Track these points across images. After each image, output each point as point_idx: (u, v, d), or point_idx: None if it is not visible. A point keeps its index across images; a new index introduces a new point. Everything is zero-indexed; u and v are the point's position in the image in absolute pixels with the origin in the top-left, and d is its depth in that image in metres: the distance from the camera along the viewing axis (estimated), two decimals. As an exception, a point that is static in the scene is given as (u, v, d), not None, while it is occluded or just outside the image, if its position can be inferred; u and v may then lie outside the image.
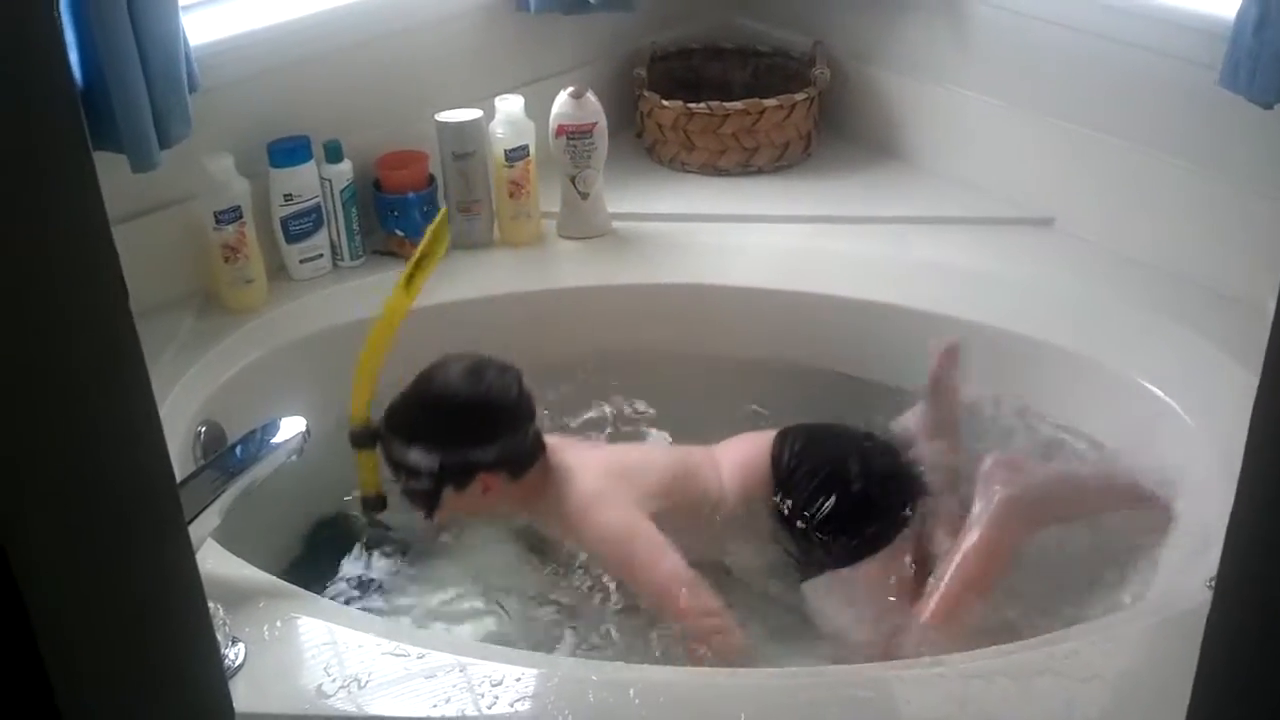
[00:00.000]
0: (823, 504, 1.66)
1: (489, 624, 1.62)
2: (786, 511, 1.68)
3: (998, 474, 1.66)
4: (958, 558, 1.59)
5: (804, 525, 1.66)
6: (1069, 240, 2.07)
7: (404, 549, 1.74)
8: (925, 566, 1.62)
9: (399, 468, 1.61)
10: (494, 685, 1.25)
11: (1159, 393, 1.74)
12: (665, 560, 1.57)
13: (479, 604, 1.64)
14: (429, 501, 1.61)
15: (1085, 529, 1.70)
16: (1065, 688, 1.27)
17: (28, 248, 0.62)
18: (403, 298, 1.66)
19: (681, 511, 1.66)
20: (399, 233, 2.04)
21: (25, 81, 0.60)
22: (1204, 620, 0.75)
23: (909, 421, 1.81)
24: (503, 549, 1.74)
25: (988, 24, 2.14)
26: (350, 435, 1.66)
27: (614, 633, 1.59)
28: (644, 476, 1.68)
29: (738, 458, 1.74)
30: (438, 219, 1.72)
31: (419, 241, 1.99)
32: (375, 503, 1.69)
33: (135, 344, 0.70)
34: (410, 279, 1.67)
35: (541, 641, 1.58)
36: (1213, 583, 0.78)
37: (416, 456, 1.59)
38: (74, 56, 1.66)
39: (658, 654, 1.54)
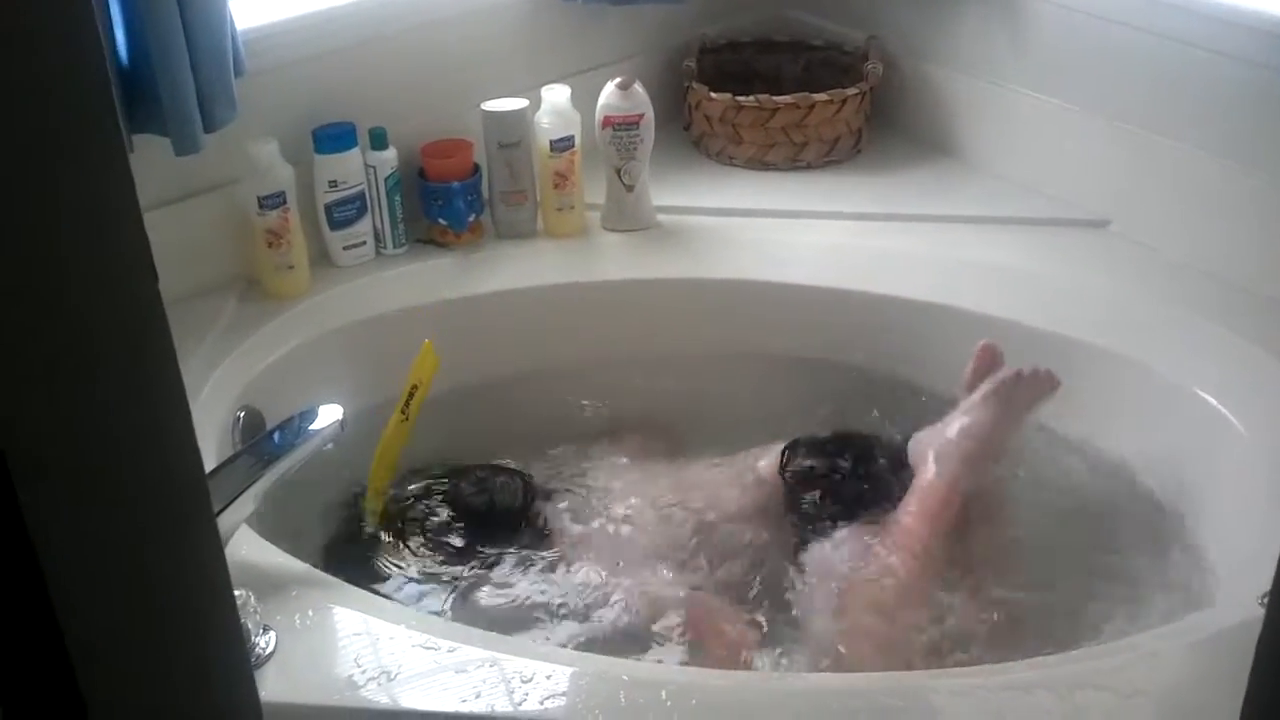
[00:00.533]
0: (816, 496, 1.71)
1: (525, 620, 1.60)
2: (795, 512, 1.72)
3: (921, 445, 1.70)
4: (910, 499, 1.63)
5: (809, 515, 1.70)
6: (1124, 243, 2.03)
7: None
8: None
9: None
10: (524, 681, 1.24)
11: (1213, 402, 1.70)
12: None
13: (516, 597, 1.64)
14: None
15: (1128, 544, 1.67)
16: (1107, 703, 1.24)
17: (52, 229, 0.61)
18: (401, 427, 1.69)
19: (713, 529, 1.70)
20: (442, 221, 2.03)
21: (53, 57, 0.59)
22: (1255, 637, 0.72)
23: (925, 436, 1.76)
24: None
25: (1045, 21, 2.09)
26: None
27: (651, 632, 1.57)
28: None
29: (754, 468, 1.78)
30: (421, 351, 1.70)
31: (462, 232, 1.99)
32: None
33: (165, 330, 0.68)
34: (405, 408, 1.69)
35: (572, 637, 1.57)
36: (1265, 599, 0.75)
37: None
38: (120, 38, 1.66)
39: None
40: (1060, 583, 1.62)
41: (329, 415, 1.40)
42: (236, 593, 1.11)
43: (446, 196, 2.02)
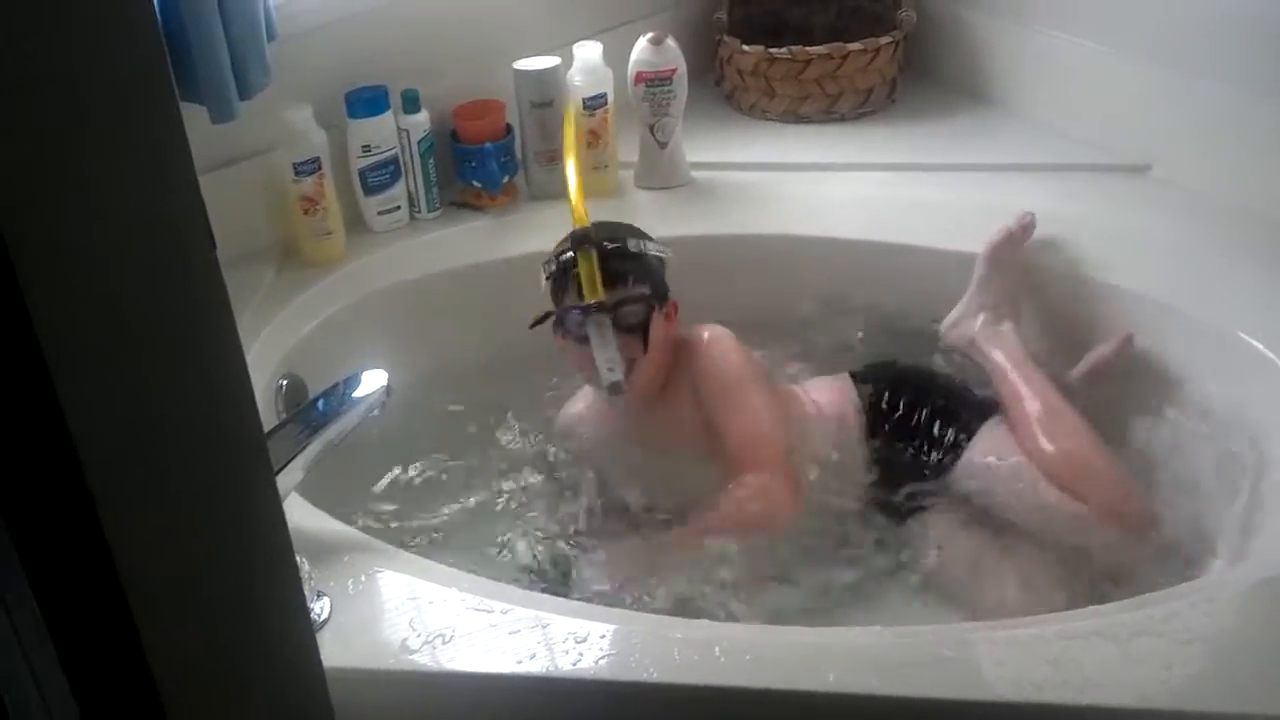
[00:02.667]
0: (919, 417, 1.73)
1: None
2: (885, 436, 1.73)
3: (958, 332, 1.83)
4: (1022, 398, 1.69)
5: (911, 431, 1.72)
6: (1166, 187, 2.00)
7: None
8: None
9: (624, 278, 1.64)
10: (578, 642, 1.24)
11: (1260, 347, 1.67)
12: (770, 415, 1.65)
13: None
14: (645, 316, 1.64)
15: (1179, 487, 1.66)
16: (1164, 650, 1.23)
17: (115, 197, 0.61)
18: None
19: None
20: (475, 184, 2.02)
21: (109, 26, 0.58)
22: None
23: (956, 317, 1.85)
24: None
25: (1081, -38, 2.06)
26: (573, 236, 1.66)
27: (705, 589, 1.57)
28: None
29: (826, 393, 1.78)
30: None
31: (496, 194, 1.98)
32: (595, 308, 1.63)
33: (224, 296, 0.68)
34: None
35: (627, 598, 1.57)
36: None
37: (641, 268, 1.67)
38: (155, 5, 1.65)
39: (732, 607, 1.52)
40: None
41: (374, 381, 1.40)
42: (293, 559, 1.12)
43: (479, 158, 2.01)
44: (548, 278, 1.68)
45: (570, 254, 1.64)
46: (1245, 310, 1.73)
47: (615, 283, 1.63)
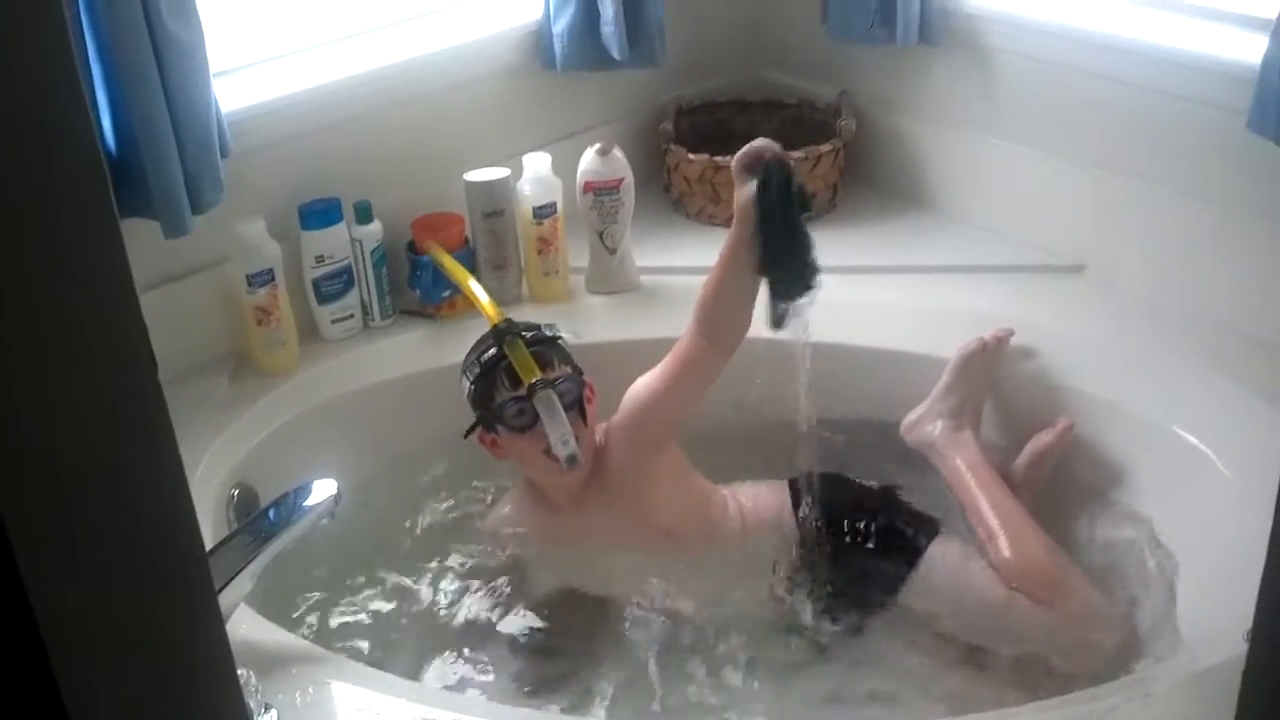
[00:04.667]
0: (860, 532, 1.74)
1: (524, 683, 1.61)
2: (826, 544, 1.74)
3: (917, 433, 1.86)
4: (981, 506, 1.72)
5: (851, 549, 1.74)
6: (1101, 287, 2.06)
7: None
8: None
9: (551, 361, 1.69)
10: (527, 749, 1.25)
11: (1195, 441, 1.72)
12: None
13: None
14: (579, 392, 1.69)
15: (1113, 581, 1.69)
16: (1105, 744, 1.25)
17: (54, 317, 0.62)
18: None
19: (701, 539, 1.75)
20: (417, 293, 2.06)
21: (49, 141, 0.60)
22: (1241, 673, 0.74)
23: (916, 418, 1.87)
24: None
25: (1013, 72, 2.14)
26: (494, 331, 1.72)
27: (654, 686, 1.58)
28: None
29: (756, 498, 1.81)
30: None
31: (436, 305, 2.02)
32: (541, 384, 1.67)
33: (165, 416, 0.70)
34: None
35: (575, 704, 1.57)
36: (1249, 635, 0.77)
37: (561, 352, 1.72)
38: (106, 123, 1.69)
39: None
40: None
41: (323, 490, 1.41)
42: (237, 672, 1.12)
43: (420, 270, 2.04)
44: (472, 382, 1.71)
45: (493, 350, 1.69)
46: (1181, 407, 1.78)
47: (544, 365, 1.68)
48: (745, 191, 1.60)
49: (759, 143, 1.63)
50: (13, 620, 0.63)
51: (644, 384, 1.73)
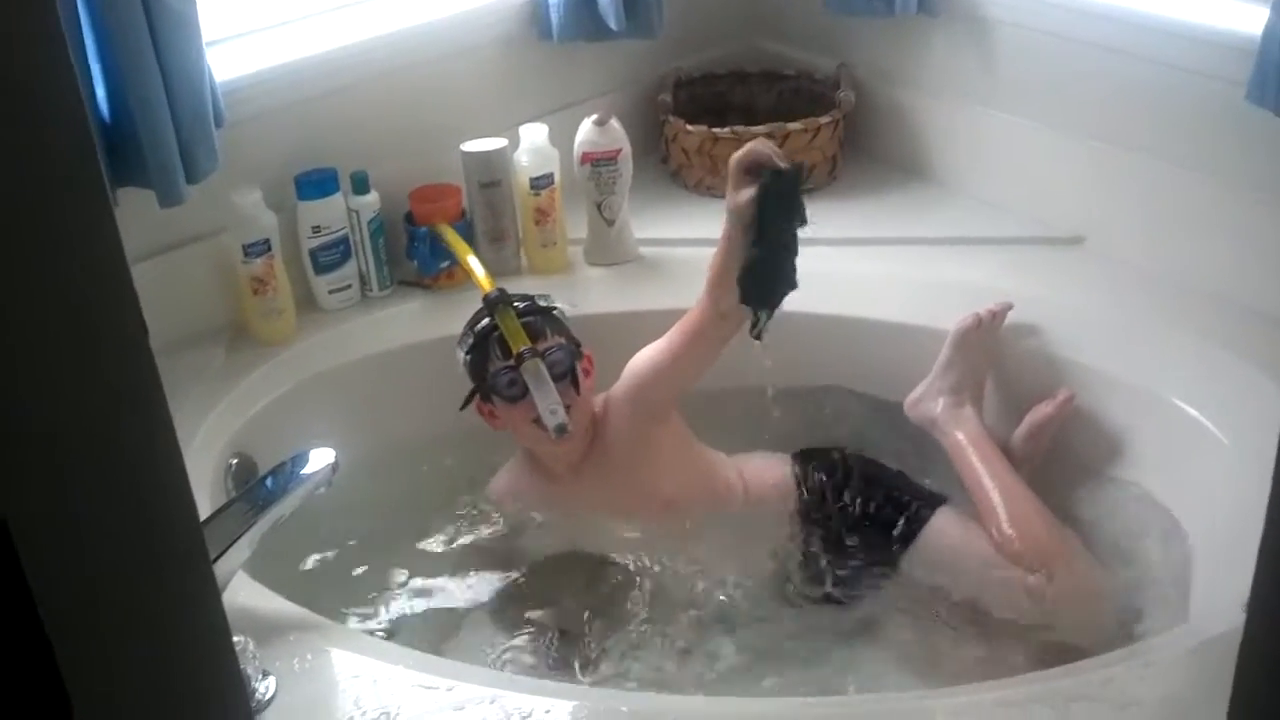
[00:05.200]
0: (863, 503, 1.75)
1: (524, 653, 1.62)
2: (829, 516, 1.75)
3: (921, 409, 1.85)
4: (982, 480, 1.72)
5: (853, 523, 1.74)
6: (1100, 259, 2.05)
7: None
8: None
9: (543, 331, 1.70)
10: (524, 717, 1.25)
11: (1194, 412, 1.72)
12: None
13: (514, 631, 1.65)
14: (571, 362, 1.69)
15: (1114, 554, 1.69)
16: (1102, 714, 1.25)
17: (44, 286, 0.62)
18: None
19: (703, 508, 1.76)
20: (415, 264, 2.05)
21: (38, 116, 0.60)
22: (1239, 643, 0.74)
23: (918, 395, 1.87)
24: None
25: (1013, 43, 2.13)
26: (485, 300, 1.73)
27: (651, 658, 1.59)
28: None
29: (760, 469, 1.82)
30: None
31: (436, 276, 2.02)
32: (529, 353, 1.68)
33: (157, 384, 0.69)
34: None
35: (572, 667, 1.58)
36: (1247, 606, 0.77)
37: (555, 322, 1.73)
38: (100, 93, 1.68)
39: (695, 683, 1.53)
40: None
41: (321, 459, 1.41)
42: (235, 639, 1.12)
43: (417, 241, 2.03)
44: (466, 353, 1.72)
45: (487, 320, 1.70)
46: (1180, 378, 1.78)
47: (535, 335, 1.69)
48: (744, 195, 1.59)
49: (762, 147, 1.60)
50: (9, 591, 0.63)
51: (647, 355, 1.73)
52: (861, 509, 1.75)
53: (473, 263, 1.91)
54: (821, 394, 2.01)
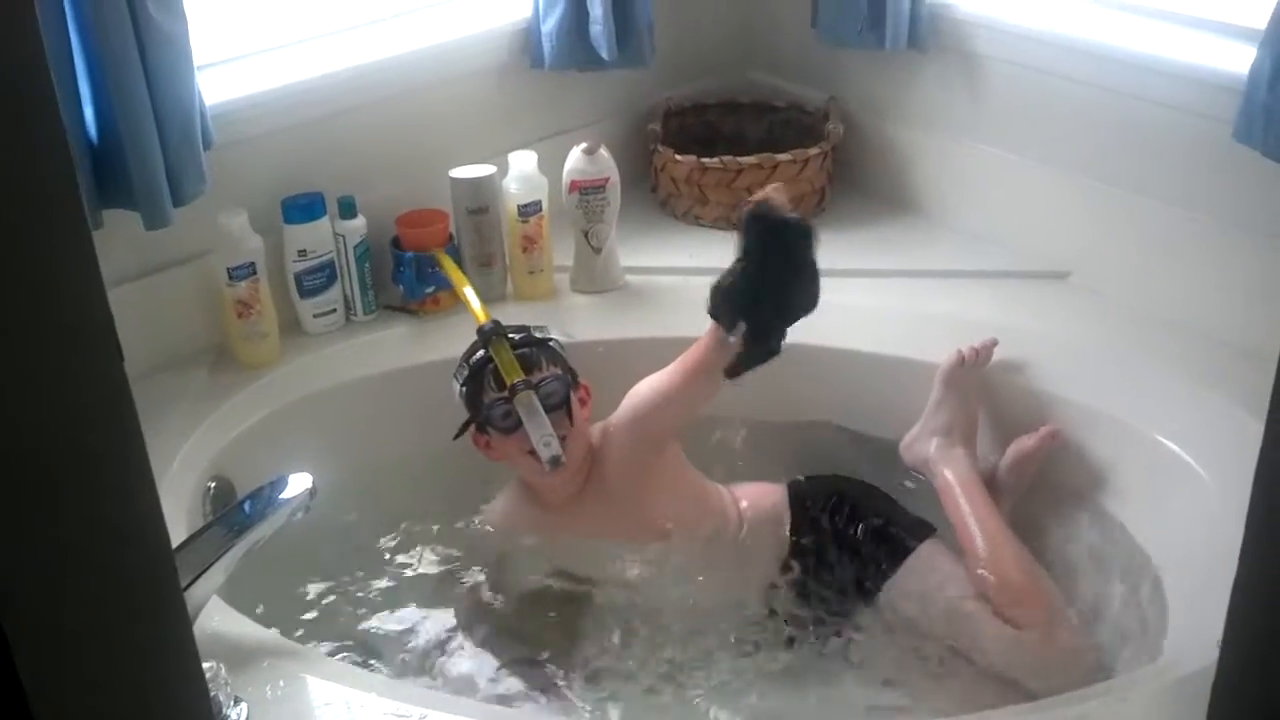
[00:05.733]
0: (854, 531, 1.75)
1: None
2: (819, 543, 1.75)
3: (914, 452, 1.86)
4: (967, 523, 1.72)
5: (842, 550, 1.74)
6: (1085, 294, 2.06)
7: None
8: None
9: (538, 362, 1.69)
10: (497, 747, 1.24)
11: (1176, 449, 1.72)
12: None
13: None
14: (565, 394, 1.69)
15: (1093, 587, 1.69)
16: (1079, 751, 1.25)
17: (20, 310, 0.62)
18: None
19: (697, 537, 1.75)
20: (401, 289, 2.05)
21: (18, 143, 0.60)
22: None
23: (912, 438, 1.87)
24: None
25: (1001, 78, 2.14)
26: (480, 332, 1.73)
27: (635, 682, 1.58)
28: None
29: (755, 496, 1.81)
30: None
31: (423, 301, 2.01)
32: (522, 385, 1.67)
33: (131, 409, 0.69)
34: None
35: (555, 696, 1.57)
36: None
37: (550, 353, 1.72)
38: (89, 114, 1.68)
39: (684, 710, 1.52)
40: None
41: (299, 484, 1.40)
42: (207, 665, 1.11)
43: (404, 266, 2.03)
44: (462, 385, 1.72)
45: (481, 352, 1.70)
46: (1162, 413, 1.78)
47: (530, 367, 1.69)
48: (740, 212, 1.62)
49: (774, 193, 1.63)
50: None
51: (650, 385, 1.72)
52: (850, 536, 1.75)
53: (469, 294, 1.92)
54: (806, 426, 2.00)
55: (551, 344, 1.74)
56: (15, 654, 0.65)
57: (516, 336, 1.72)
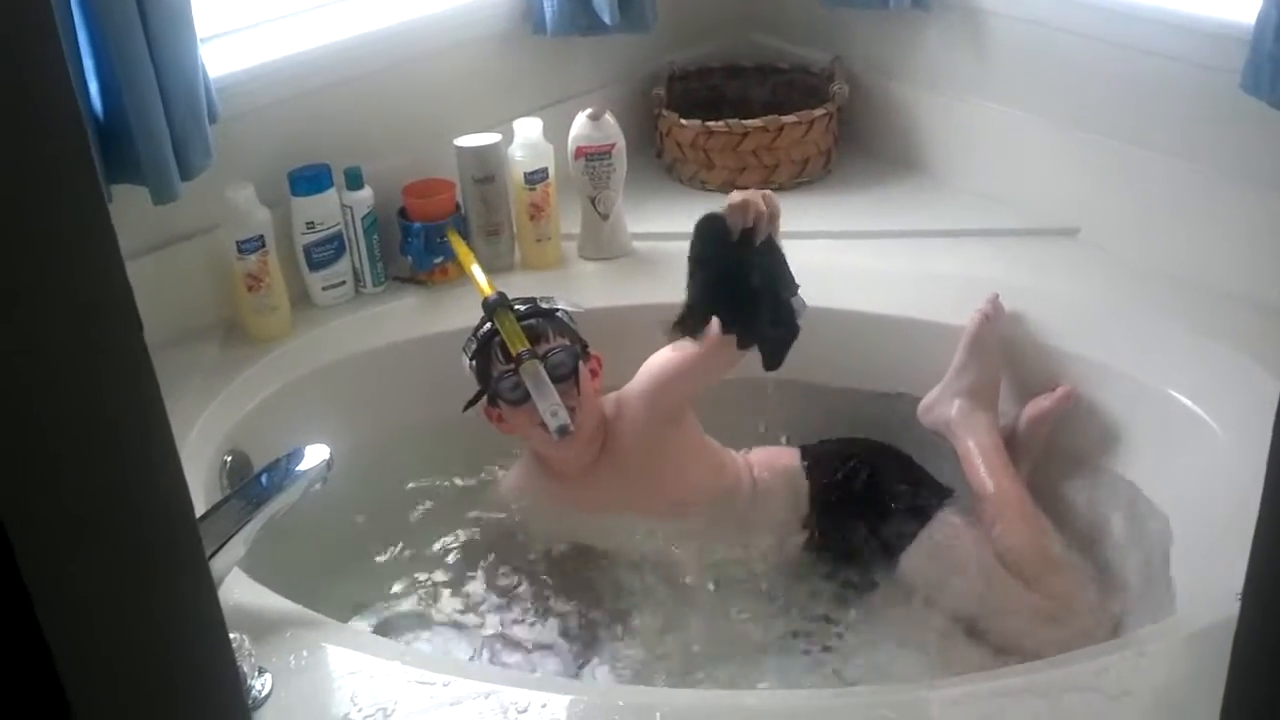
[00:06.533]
0: (872, 495, 1.75)
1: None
2: (836, 506, 1.76)
3: (935, 414, 1.85)
4: (987, 489, 1.72)
5: (859, 512, 1.74)
6: (1094, 251, 2.05)
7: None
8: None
9: (545, 333, 1.70)
10: (520, 712, 1.25)
11: (1189, 404, 1.72)
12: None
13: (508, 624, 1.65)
14: (573, 364, 1.69)
15: (1111, 542, 1.69)
16: (1096, 705, 1.25)
17: (40, 284, 0.62)
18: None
19: (713, 505, 1.75)
20: (410, 259, 2.05)
21: (33, 115, 0.60)
22: (1233, 633, 0.74)
23: (932, 400, 1.86)
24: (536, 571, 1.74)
25: (1006, 35, 2.13)
26: (485, 304, 1.73)
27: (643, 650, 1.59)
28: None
29: (769, 460, 1.82)
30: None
31: (431, 271, 2.01)
32: (527, 354, 1.67)
33: (152, 379, 0.69)
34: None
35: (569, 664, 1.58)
36: (1241, 595, 0.77)
37: (558, 324, 1.73)
38: (93, 88, 1.68)
39: (701, 675, 1.54)
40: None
41: (316, 455, 1.41)
42: (231, 636, 1.12)
43: (413, 236, 2.03)
44: (471, 358, 1.72)
45: (488, 325, 1.70)
46: (1174, 368, 1.78)
47: (536, 338, 1.69)
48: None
49: (746, 200, 1.63)
50: (5, 591, 0.63)
51: (666, 356, 1.73)
52: (868, 500, 1.75)
53: (476, 272, 1.91)
54: (816, 389, 2.00)
55: (559, 314, 1.74)
56: (45, 631, 0.65)
57: (522, 308, 1.72)
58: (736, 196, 1.62)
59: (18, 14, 0.58)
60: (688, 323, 1.63)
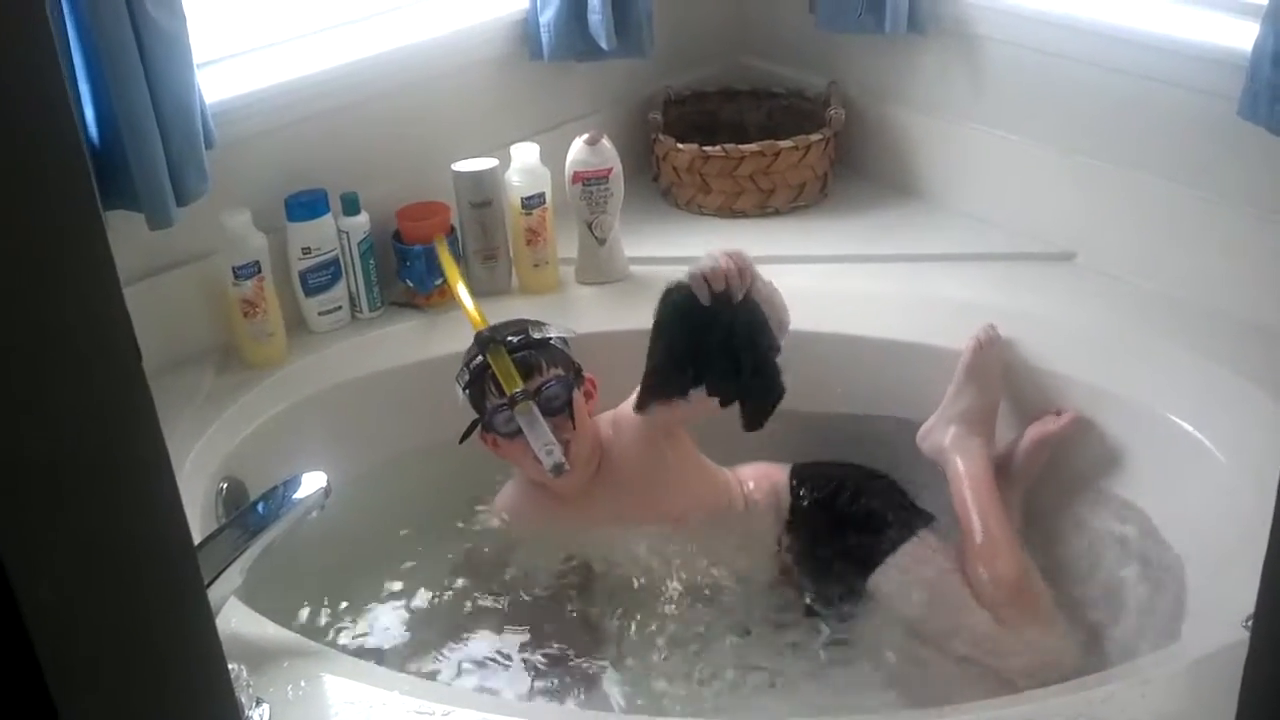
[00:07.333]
0: (850, 516, 1.75)
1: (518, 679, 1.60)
2: (815, 526, 1.76)
3: (931, 440, 1.84)
4: (971, 517, 1.70)
5: (837, 534, 1.74)
6: (1091, 275, 2.05)
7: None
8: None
9: (538, 365, 1.69)
10: (519, 742, 1.24)
11: (1189, 428, 1.72)
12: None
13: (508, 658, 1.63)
14: (567, 396, 1.69)
15: (1110, 568, 1.69)
16: (1101, 732, 1.25)
17: (37, 312, 0.61)
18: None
19: (706, 522, 1.75)
20: (409, 284, 2.04)
21: (32, 142, 0.59)
22: (1241, 659, 0.73)
23: (929, 426, 1.86)
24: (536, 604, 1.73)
25: (1002, 60, 2.13)
26: (477, 339, 1.73)
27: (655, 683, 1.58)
28: None
29: (759, 477, 1.82)
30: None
31: (430, 294, 2.01)
32: (521, 395, 1.67)
33: (150, 409, 0.69)
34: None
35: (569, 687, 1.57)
36: (1249, 622, 0.77)
37: (550, 352, 1.72)
38: (89, 115, 1.67)
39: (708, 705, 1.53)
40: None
41: (313, 483, 1.40)
42: (229, 667, 1.11)
43: (412, 259, 2.03)
44: (464, 388, 1.72)
45: (480, 358, 1.69)
46: (1174, 393, 1.77)
47: (530, 372, 1.68)
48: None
49: (721, 263, 1.64)
50: (1, 618, 0.62)
51: None
52: (846, 521, 1.75)
53: (461, 292, 1.90)
54: (811, 413, 2.00)
55: (551, 342, 1.74)
56: (41, 658, 0.64)
57: (514, 339, 1.71)
58: (705, 263, 1.61)
59: (18, 41, 0.57)
60: (655, 390, 1.65)
